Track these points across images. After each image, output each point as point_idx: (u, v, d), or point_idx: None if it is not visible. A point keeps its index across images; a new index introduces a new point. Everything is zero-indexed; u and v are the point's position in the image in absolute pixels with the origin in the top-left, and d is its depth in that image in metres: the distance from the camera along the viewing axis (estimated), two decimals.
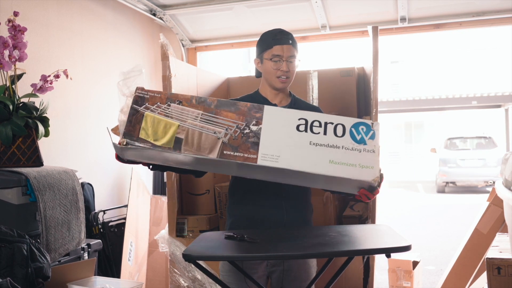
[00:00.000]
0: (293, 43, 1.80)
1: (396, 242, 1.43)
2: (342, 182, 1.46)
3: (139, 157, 1.54)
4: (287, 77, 1.80)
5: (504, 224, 2.64)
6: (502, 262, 1.88)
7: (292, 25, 3.34)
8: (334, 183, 1.51)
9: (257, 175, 1.56)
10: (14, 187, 1.90)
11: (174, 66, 2.52)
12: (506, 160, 2.06)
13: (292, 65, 1.80)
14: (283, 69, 1.78)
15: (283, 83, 1.80)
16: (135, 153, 1.50)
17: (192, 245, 1.52)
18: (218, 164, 1.47)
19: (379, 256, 2.33)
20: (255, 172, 1.50)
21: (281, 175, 1.49)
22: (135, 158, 1.56)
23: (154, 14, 3.38)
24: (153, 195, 3.49)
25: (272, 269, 1.80)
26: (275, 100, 1.84)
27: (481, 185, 11.69)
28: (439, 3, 3.01)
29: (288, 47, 1.78)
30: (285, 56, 1.77)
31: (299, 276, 1.79)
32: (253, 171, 1.49)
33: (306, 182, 1.59)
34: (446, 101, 13.11)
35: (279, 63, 1.78)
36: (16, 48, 2.00)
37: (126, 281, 2.55)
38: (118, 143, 1.46)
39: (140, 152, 1.48)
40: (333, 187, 1.61)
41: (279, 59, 1.78)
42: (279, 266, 1.79)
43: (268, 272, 1.80)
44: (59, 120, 2.77)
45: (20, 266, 1.65)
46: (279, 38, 1.79)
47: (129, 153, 1.50)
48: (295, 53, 1.80)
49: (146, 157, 1.54)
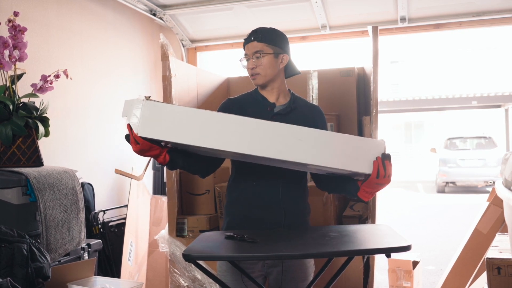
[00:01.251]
0: (259, 38, 1.77)
1: (396, 242, 1.43)
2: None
3: (159, 133, 1.47)
4: (257, 73, 1.79)
5: (504, 224, 2.64)
6: (502, 262, 1.88)
7: (292, 25, 3.34)
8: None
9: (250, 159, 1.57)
10: (14, 187, 1.90)
11: (174, 66, 2.52)
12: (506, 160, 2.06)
13: (260, 61, 1.77)
14: (248, 66, 1.80)
15: (254, 80, 1.81)
16: (156, 122, 1.45)
17: (192, 245, 1.52)
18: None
19: (379, 256, 2.33)
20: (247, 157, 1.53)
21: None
22: (154, 134, 1.47)
23: (154, 14, 3.38)
24: (153, 195, 3.49)
25: (269, 270, 1.80)
26: (272, 98, 1.84)
27: (481, 185, 11.68)
28: (439, 3, 3.01)
29: (252, 44, 1.78)
30: (250, 54, 1.78)
31: (297, 276, 1.79)
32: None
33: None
34: (446, 101, 13.12)
35: (248, 62, 1.80)
36: (16, 48, 2.00)
37: (126, 281, 2.55)
38: (144, 97, 1.44)
39: (161, 123, 1.44)
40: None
41: (247, 58, 1.80)
42: (276, 267, 1.79)
43: (265, 272, 1.80)
44: (59, 120, 2.77)
45: (20, 266, 1.65)
46: (246, 38, 1.82)
47: (150, 123, 1.45)
48: (262, 48, 1.77)
49: (166, 131, 1.46)
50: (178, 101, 2.54)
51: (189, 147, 1.52)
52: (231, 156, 1.69)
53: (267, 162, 1.59)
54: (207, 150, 1.50)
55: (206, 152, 1.59)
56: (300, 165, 1.54)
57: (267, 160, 1.52)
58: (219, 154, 1.62)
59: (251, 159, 1.55)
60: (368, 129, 2.56)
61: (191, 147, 1.53)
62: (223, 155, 1.70)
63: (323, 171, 1.62)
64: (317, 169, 1.62)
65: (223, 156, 1.72)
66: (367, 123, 2.60)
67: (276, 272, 1.79)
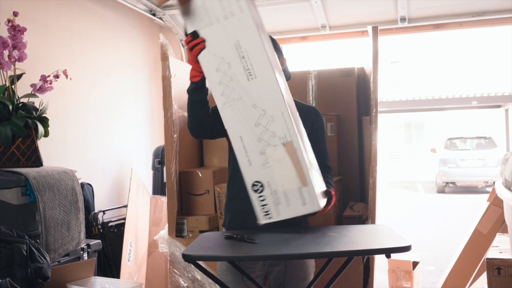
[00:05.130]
0: None
1: (396, 242, 1.43)
2: None
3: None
4: None
5: (504, 224, 2.64)
6: (502, 263, 1.88)
7: (292, 25, 3.34)
8: None
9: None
10: (14, 187, 1.90)
11: (174, 66, 2.52)
12: (506, 160, 2.06)
13: None
14: None
15: None
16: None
17: (192, 245, 1.52)
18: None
19: (379, 256, 2.33)
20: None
21: None
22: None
23: (154, 14, 3.38)
24: (152, 196, 3.49)
25: (269, 269, 1.80)
26: None
27: (481, 185, 11.67)
28: (439, 3, 3.01)
29: None
30: None
31: (297, 275, 1.80)
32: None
33: None
34: (446, 101, 13.11)
35: None
36: (15, 48, 2.00)
37: (125, 282, 2.55)
38: None
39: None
40: None
41: None
42: (277, 266, 1.79)
43: (266, 271, 1.81)
44: (58, 120, 2.76)
45: (19, 266, 1.65)
46: None
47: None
48: None
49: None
50: (178, 101, 2.54)
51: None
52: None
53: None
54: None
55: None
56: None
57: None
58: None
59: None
60: (368, 129, 2.56)
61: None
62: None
63: None
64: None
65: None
66: (367, 123, 2.59)
67: (276, 271, 1.79)
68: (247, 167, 1.50)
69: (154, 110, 3.88)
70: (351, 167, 2.87)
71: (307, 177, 1.47)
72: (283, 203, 1.49)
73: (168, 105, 2.47)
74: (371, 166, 2.37)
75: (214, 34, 1.49)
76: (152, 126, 3.87)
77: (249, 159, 1.50)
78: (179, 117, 2.55)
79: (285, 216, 1.50)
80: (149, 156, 3.70)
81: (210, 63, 1.51)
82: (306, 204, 1.48)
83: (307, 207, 1.48)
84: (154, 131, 3.87)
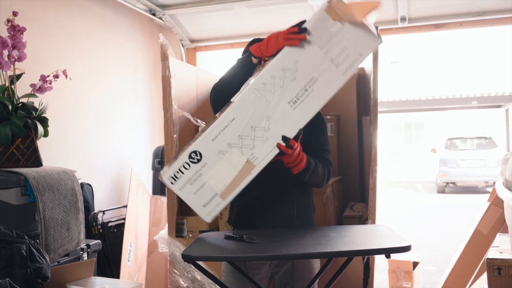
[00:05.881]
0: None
1: (396, 242, 1.42)
2: None
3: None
4: None
5: (505, 224, 2.63)
6: (503, 263, 1.88)
7: None
8: None
9: None
10: (13, 187, 1.90)
11: (174, 66, 2.51)
12: (506, 161, 2.06)
13: None
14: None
15: None
16: None
17: (192, 245, 1.52)
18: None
19: (379, 256, 2.32)
20: None
21: None
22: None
23: (154, 14, 3.38)
24: (152, 196, 3.49)
25: (275, 270, 1.80)
26: None
27: (481, 186, 11.68)
28: (439, 3, 3.01)
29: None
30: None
31: (303, 275, 1.79)
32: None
33: None
34: (446, 101, 13.10)
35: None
36: (15, 48, 2.00)
37: (125, 282, 2.55)
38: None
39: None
40: None
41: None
42: (282, 266, 1.79)
43: (271, 272, 1.80)
44: (58, 120, 2.76)
45: (19, 266, 1.65)
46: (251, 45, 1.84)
47: None
48: None
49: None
50: (178, 101, 2.54)
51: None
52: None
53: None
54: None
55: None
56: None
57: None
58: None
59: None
60: (368, 129, 2.56)
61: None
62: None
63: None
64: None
65: None
66: (367, 123, 2.59)
67: (281, 272, 1.79)
68: (209, 139, 1.51)
69: (154, 110, 3.88)
70: (351, 167, 2.87)
71: (230, 197, 1.54)
72: (194, 187, 1.52)
73: (168, 105, 2.47)
74: (371, 166, 2.36)
75: (312, 52, 1.51)
76: (152, 126, 3.87)
77: (217, 137, 1.51)
78: (179, 117, 2.54)
79: (182, 196, 1.53)
80: (149, 156, 3.70)
81: (284, 61, 1.51)
82: (205, 208, 1.53)
83: (203, 210, 1.54)
84: (154, 131, 3.87)
